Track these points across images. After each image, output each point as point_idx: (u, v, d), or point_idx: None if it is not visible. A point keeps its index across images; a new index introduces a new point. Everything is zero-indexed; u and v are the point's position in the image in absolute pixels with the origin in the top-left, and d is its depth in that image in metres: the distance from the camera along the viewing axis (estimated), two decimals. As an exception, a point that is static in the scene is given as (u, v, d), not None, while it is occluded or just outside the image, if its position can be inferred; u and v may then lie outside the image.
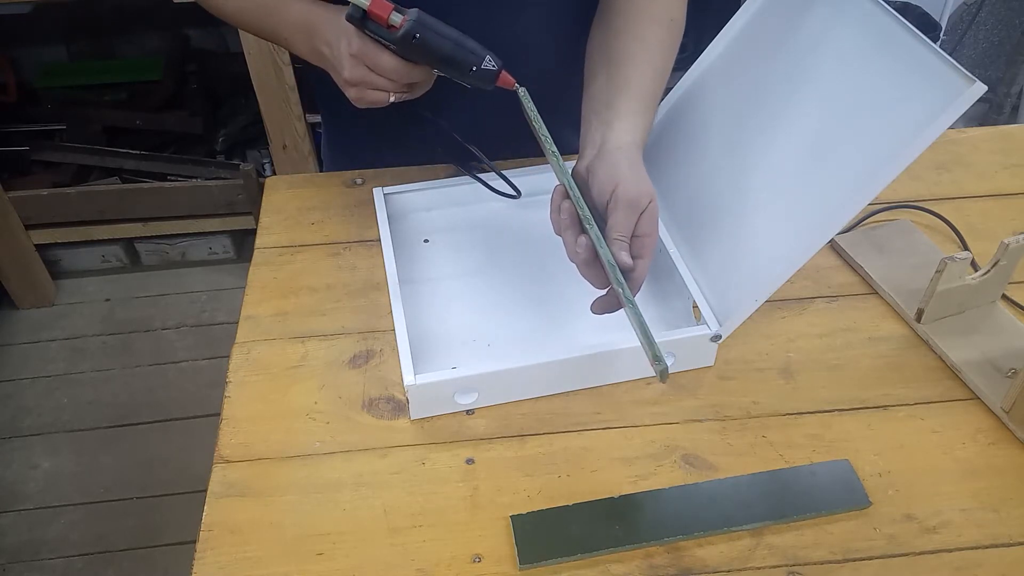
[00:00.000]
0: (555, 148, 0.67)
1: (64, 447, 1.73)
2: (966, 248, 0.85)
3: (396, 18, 0.64)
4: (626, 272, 0.64)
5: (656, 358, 0.60)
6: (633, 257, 0.65)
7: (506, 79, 0.68)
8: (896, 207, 0.88)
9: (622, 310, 0.65)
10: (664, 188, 0.82)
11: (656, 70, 0.75)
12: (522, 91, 0.69)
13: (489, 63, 0.66)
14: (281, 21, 0.76)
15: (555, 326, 0.76)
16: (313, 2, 0.74)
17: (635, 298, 0.63)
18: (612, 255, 0.64)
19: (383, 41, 0.66)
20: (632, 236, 0.66)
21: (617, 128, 0.70)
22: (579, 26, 0.85)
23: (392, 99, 0.71)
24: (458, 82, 0.68)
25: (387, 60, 0.67)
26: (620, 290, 0.63)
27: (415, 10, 0.65)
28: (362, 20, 0.65)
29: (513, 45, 0.71)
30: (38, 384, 1.85)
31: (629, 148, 0.69)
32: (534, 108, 0.68)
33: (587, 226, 0.65)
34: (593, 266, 0.66)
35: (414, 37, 0.64)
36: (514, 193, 0.83)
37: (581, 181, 0.70)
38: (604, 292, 0.67)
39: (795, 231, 0.67)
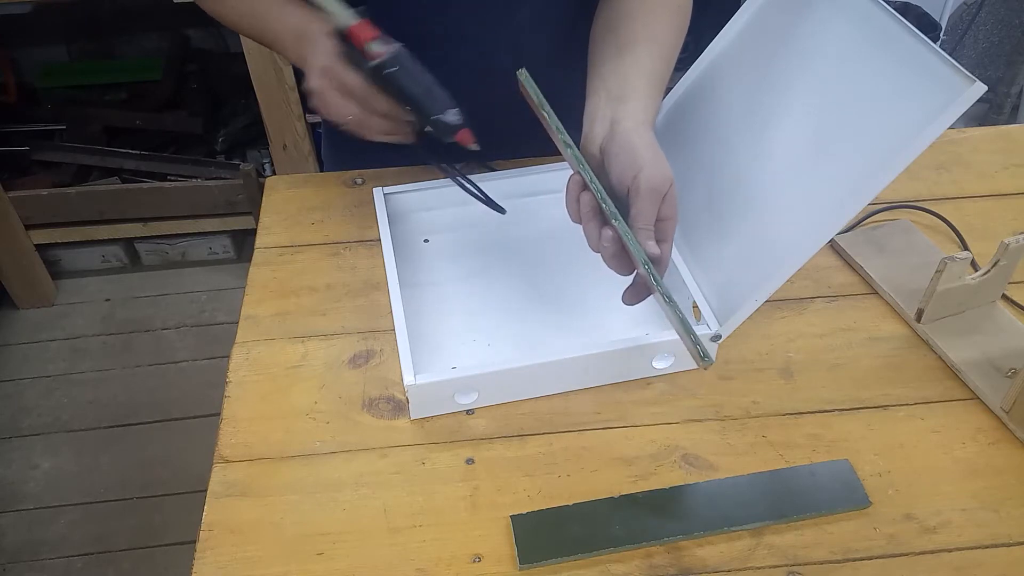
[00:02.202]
0: (568, 138, 0.66)
1: (64, 447, 1.73)
2: (966, 248, 0.85)
3: (375, 47, 0.63)
4: (653, 260, 0.64)
5: (703, 356, 0.60)
6: (656, 241, 0.65)
7: (465, 137, 0.67)
8: (896, 207, 0.88)
9: (651, 297, 0.65)
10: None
11: (664, 54, 0.74)
12: (522, 73, 0.67)
13: (452, 116, 0.65)
14: (277, 23, 0.76)
15: (555, 326, 0.76)
16: (309, 11, 0.74)
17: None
18: (641, 247, 0.63)
19: (357, 64, 0.66)
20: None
21: (631, 107, 0.69)
22: (575, 24, 0.85)
23: (349, 118, 0.70)
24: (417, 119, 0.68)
25: (353, 80, 0.67)
26: (657, 287, 0.62)
27: (398, 45, 0.64)
28: (342, 37, 0.65)
29: (508, 43, 0.71)
30: (38, 384, 1.85)
31: (644, 129, 0.67)
32: (539, 92, 0.66)
33: (614, 222, 0.63)
34: (619, 257, 0.65)
35: (386, 70, 0.63)
36: (500, 210, 0.81)
37: (595, 162, 0.69)
38: (631, 280, 0.67)
39: (795, 231, 0.67)
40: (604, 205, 0.64)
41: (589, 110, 0.71)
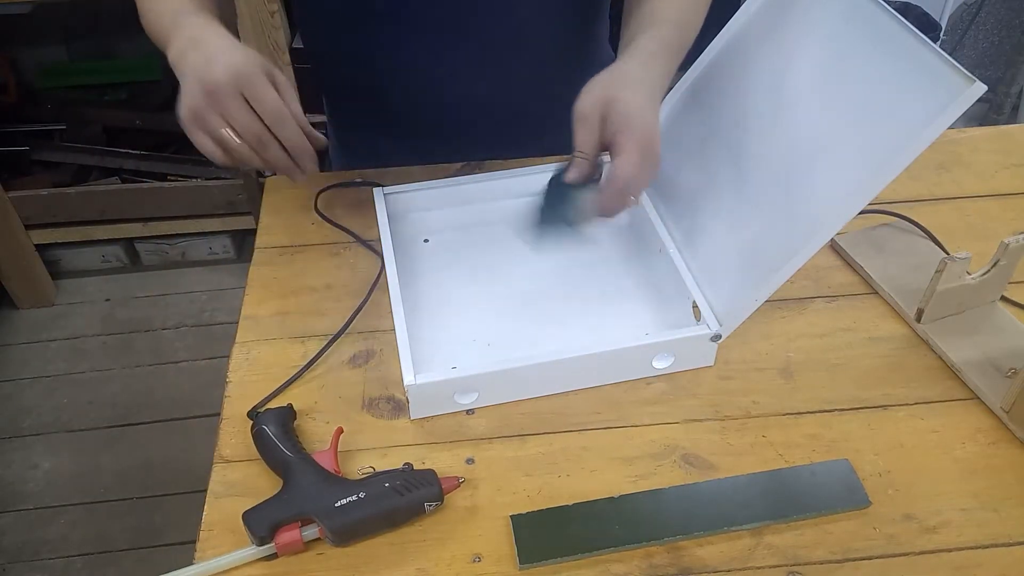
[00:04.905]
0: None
1: (64, 447, 1.73)
2: (944, 252, 0.84)
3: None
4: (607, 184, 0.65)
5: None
6: (612, 156, 0.65)
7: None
8: (874, 212, 0.87)
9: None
10: (664, 187, 0.82)
11: (678, 18, 0.74)
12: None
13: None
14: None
15: (555, 326, 0.76)
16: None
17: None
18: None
19: None
20: (607, 142, 0.65)
21: (625, 53, 0.68)
22: (577, 19, 0.84)
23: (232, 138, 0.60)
24: None
25: (270, 94, 0.59)
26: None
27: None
28: None
29: (508, 39, 0.71)
30: (38, 384, 1.85)
31: (614, 66, 0.67)
32: None
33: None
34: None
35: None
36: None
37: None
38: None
39: (795, 231, 0.67)
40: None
41: None
